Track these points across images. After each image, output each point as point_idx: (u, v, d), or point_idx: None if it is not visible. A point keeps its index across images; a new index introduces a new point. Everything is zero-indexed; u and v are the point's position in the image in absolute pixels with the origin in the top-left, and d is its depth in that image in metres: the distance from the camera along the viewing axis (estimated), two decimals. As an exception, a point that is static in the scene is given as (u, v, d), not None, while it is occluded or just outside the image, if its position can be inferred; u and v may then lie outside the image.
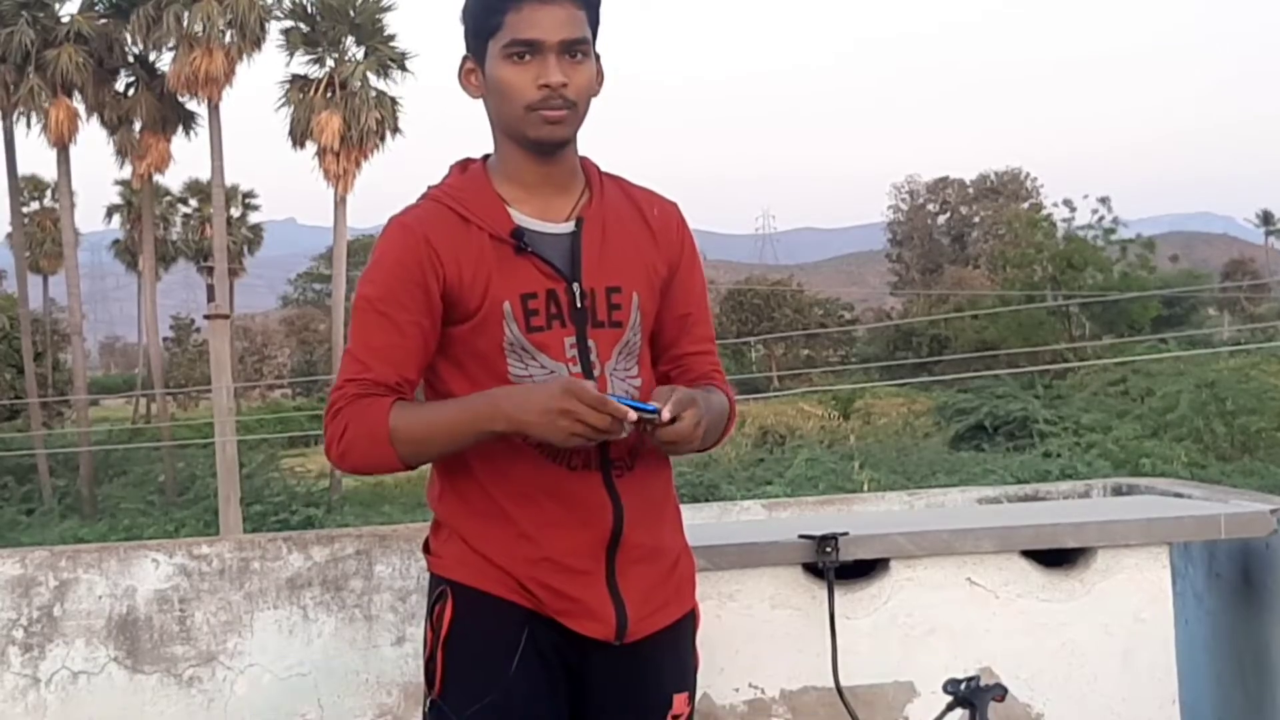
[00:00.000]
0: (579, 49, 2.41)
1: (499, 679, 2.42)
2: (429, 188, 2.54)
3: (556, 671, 2.46)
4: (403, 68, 38.78)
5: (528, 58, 2.38)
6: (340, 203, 38.49)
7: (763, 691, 3.45)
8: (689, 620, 2.61)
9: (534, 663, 2.43)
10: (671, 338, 2.61)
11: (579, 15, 2.41)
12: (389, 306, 2.41)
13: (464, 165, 2.55)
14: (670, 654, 2.56)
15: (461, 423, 2.37)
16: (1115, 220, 52.16)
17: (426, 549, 2.57)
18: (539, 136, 2.42)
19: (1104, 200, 52.66)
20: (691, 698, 2.60)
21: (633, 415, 2.25)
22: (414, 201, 2.52)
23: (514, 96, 2.40)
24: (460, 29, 2.50)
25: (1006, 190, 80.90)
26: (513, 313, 2.41)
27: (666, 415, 2.29)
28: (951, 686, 2.89)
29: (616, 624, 2.45)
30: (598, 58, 2.47)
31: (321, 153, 37.54)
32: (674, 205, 2.64)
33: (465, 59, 2.49)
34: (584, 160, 2.55)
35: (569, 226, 2.48)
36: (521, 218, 2.45)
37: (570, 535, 2.44)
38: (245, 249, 60.04)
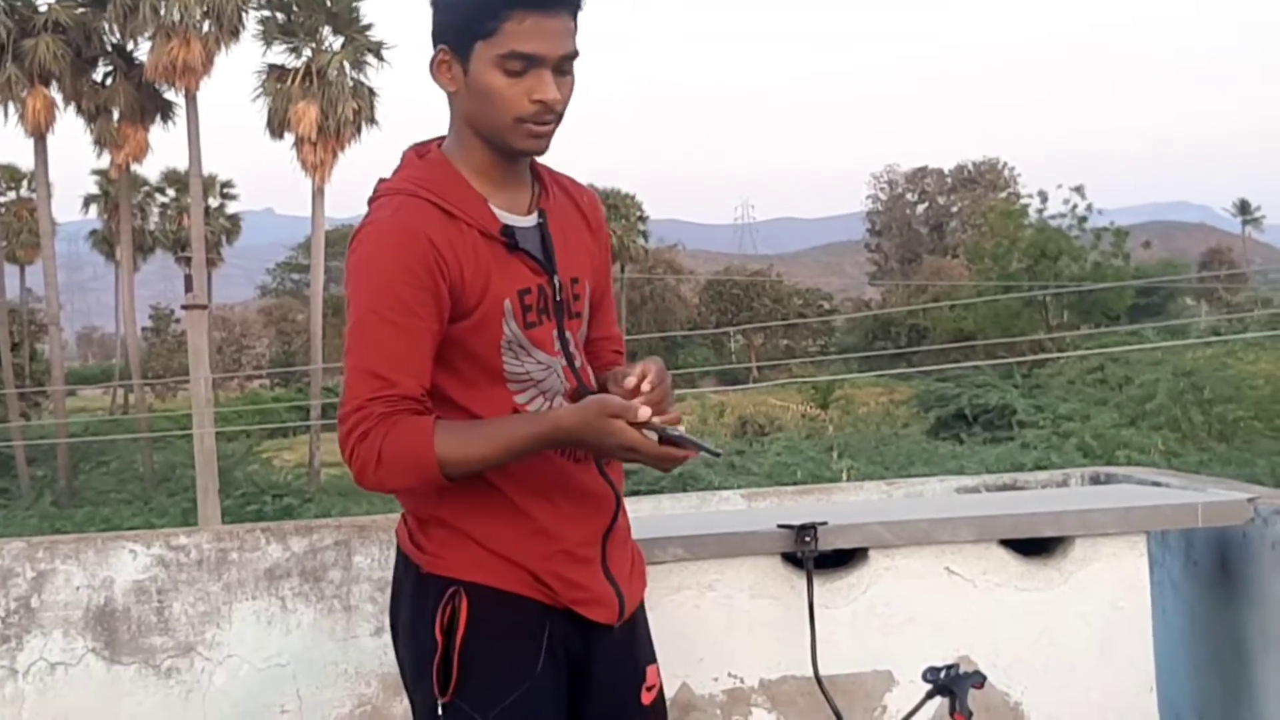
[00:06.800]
0: (571, 63, 2.36)
1: (523, 677, 2.40)
2: (381, 180, 2.44)
3: (563, 664, 2.47)
4: (379, 57, 38.70)
5: (523, 68, 2.30)
6: (318, 193, 38.40)
7: (742, 681, 3.45)
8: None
9: (550, 658, 2.44)
10: (591, 323, 2.61)
11: (572, 27, 2.34)
12: (399, 314, 2.28)
13: (420, 152, 2.46)
14: (642, 629, 2.63)
15: (519, 448, 2.32)
16: (1089, 208, 52.32)
17: (416, 547, 2.49)
18: (524, 148, 2.38)
19: (1077, 189, 52.84)
20: (658, 669, 2.65)
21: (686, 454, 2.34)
22: (381, 197, 2.40)
23: (504, 107, 2.32)
24: (431, 14, 2.38)
25: (984, 180, 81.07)
26: (513, 310, 2.38)
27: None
28: (930, 675, 2.90)
29: (618, 606, 2.50)
30: None
31: (299, 142, 37.45)
32: (593, 192, 2.65)
33: (440, 50, 2.36)
34: None
35: (533, 219, 2.45)
36: (499, 213, 2.41)
37: (582, 526, 2.47)
38: (223, 239, 59.63)
